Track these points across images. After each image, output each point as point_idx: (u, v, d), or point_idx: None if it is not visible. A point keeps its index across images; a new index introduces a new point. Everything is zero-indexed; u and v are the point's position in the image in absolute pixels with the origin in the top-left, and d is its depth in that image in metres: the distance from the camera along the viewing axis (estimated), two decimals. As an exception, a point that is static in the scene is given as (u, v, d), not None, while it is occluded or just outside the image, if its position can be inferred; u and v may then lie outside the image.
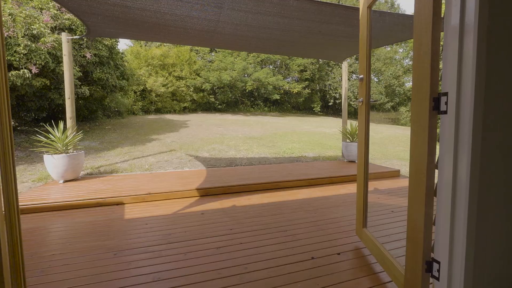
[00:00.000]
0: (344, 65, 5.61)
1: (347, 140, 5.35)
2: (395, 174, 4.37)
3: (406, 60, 24.05)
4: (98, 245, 2.01)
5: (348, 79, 5.77)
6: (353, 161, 5.13)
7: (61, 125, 3.78)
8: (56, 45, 5.60)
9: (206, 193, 3.31)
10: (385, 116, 22.68)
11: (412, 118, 1.23)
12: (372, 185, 3.75)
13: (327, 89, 23.81)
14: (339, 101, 23.10)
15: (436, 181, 1.14)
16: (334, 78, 23.38)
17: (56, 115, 8.23)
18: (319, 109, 22.99)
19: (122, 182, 3.62)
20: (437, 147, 1.14)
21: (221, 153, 6.20)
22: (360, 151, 1.96)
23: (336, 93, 22.92)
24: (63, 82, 4.18)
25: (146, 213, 2.71)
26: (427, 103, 1.13)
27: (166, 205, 2.95)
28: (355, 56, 23.59)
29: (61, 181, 3.65)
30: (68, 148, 3.81)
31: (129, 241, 2.06)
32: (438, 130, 1.13)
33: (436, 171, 1.14)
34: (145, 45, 19.96)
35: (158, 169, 4.78)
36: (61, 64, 5.93)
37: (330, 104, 23.81)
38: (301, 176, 3.91)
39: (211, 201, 3.09)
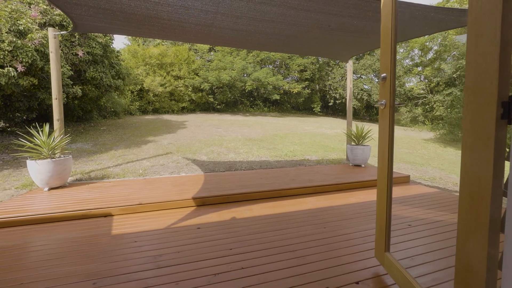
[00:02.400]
0: (349, 64, 5.35)
1: (352, 143, 5.09)
2: (405, 179, 4.10)
3: (407, 61, 23.83)
4: (76, 270, 1.73)
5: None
6: (358, 165, 4.87)
7: (46, 127, 3.49)
8: (45, 42, 5.28)
9: (203, 202, 3.03)
10: (385, 116, 22.44)
11: (466, 128, 0.96)
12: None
13: (327, 89, 23.59)
14: (339, 101, 22.87)
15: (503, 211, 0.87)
16: (334, 78, 23.15)
17: (48, 115, 7.91)
18: (319, 110, 22.78)
19: (112, 190, 3.34)
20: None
21: (220, 156, 5.91)
22: (383, 163, 1.68)
23: (336, 93, 22.68)
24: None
25: (135, 227, 2.42)
26: (492, 109, 0.85)
27: (159, 217, 2.67)
28: (355, 56, 23.38)
29: (46, 189, 3.36)
30: (55, 152, 3.52)
31: (113, 265, 1.78)
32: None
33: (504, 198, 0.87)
34: (143, 44, 19.64)
35: (152, 174, 4.49)
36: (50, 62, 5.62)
37: (330, 104, 23.60)
38: (305, 183, 3.63)
39: (209, 212, 2.81)
